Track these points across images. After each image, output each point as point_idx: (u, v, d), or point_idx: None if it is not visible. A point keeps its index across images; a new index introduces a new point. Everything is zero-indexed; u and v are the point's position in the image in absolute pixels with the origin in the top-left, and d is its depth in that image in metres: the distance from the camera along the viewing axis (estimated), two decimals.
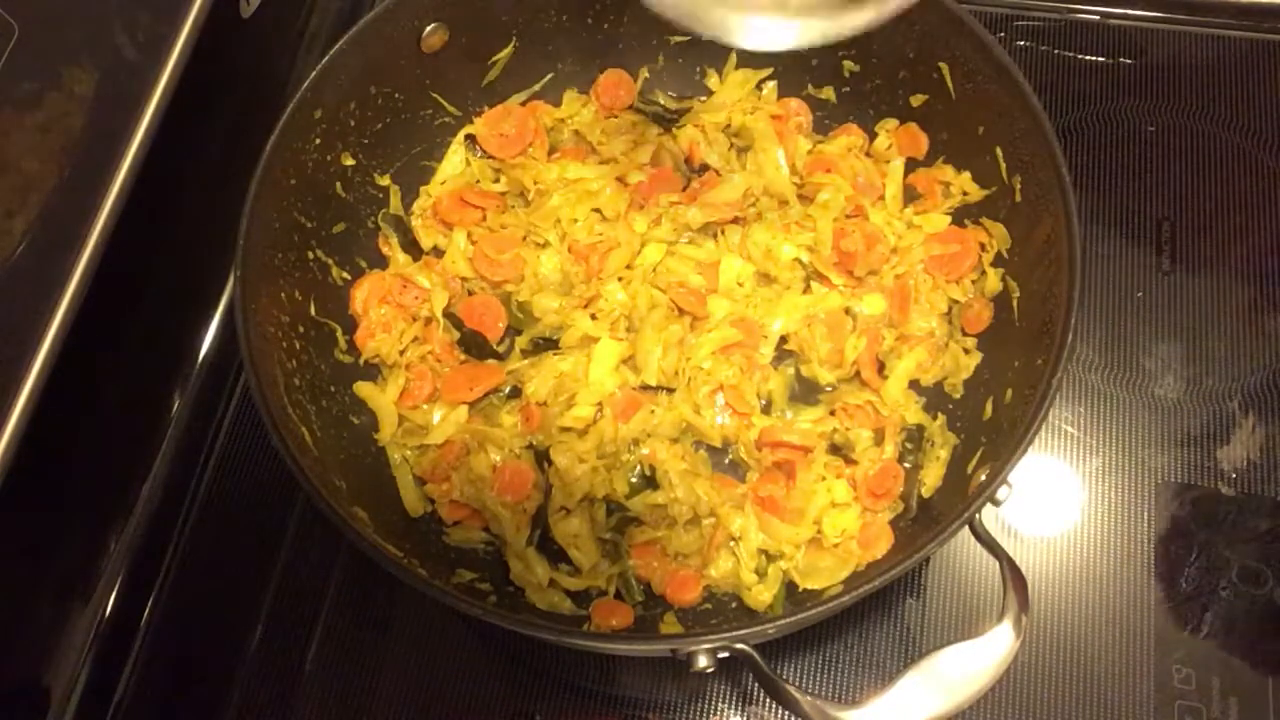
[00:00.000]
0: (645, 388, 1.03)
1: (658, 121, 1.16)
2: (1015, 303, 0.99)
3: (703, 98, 1.17)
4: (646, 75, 1.17)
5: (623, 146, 1.14)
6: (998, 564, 0.80)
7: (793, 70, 1.14)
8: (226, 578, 1.07)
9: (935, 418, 1.01)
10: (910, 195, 1.09)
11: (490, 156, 1.14)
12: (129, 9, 0.97)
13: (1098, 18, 1.28)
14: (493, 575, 0.98)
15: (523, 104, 1.16)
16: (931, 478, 0.98)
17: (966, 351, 1.02)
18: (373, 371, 1.06)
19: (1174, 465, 1.05)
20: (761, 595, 0.96)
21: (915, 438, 1.00)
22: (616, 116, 1.17)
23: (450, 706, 1.01)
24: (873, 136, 1.12)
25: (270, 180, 0.94)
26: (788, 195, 1.09)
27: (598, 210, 1.11)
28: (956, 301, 1.05)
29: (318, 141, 1.00)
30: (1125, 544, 1.02)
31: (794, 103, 1.14)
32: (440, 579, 0.91)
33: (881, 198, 1.09)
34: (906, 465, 0.99)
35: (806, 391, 1.06)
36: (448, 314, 1.07)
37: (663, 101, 1.16)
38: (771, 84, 1.15)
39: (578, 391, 1.02)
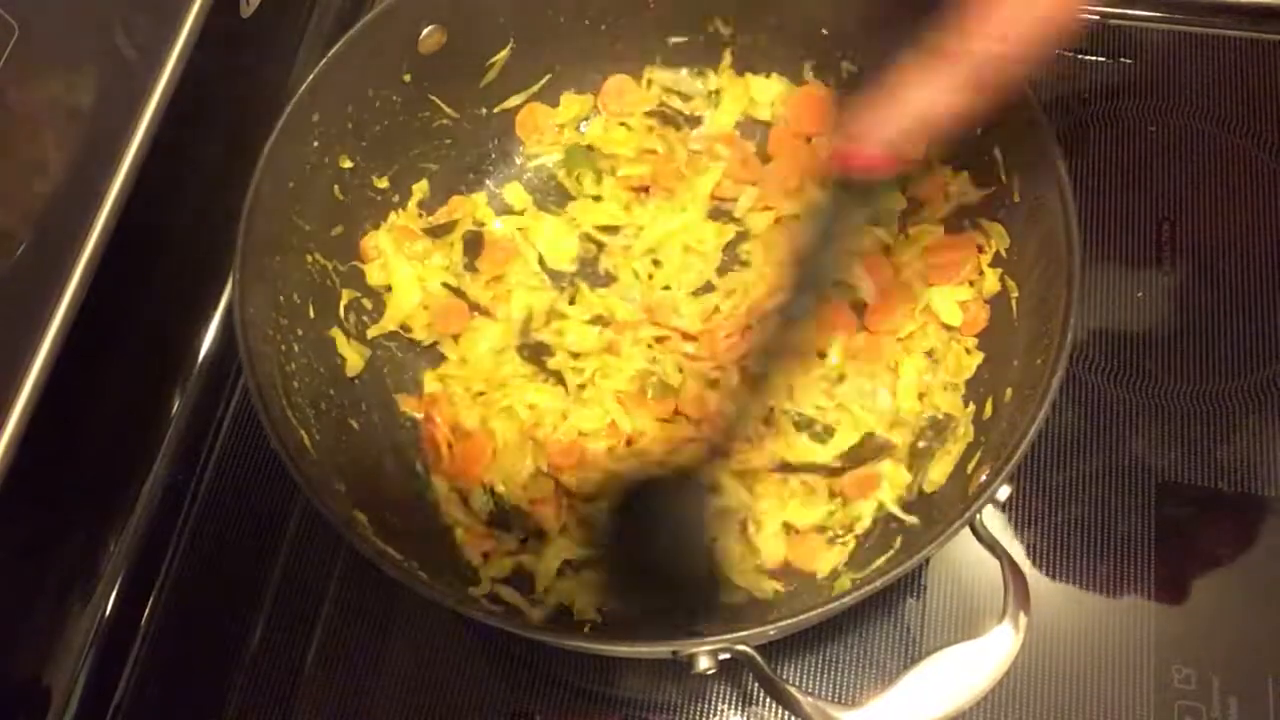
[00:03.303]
0: None
1: (670, 123, 1.16)
2: (1014, 303, 0.99)
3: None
4: (650, 78, 1.17)
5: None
6: (998, 564, 0.80)
7: (789, 72, 1.14)
8: (226, 578, 1.07)
9: (967, 406, 1.00)
10: (911, 203, 1.08)
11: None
12: (129, 9, 0.97)
13: (1098, 18, 1.28)
14: (493, 580, 0.98)
15: (520, 105, 1.16)
16: (938, 473, 0.98)
17: (968, 351, 1.02)
18: (377, 374, 1.07)
19: (1174, 465, 1.05)
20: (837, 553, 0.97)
21: (941, 427, 1.00)
22: (625, 124, 1.17)
23: (450, 706, 1.01)
24: None
25: (268, 184, 0.94)
26: None
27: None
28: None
29: (316, 145, 1.00)
30: (1125, 544, 1.02)
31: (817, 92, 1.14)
32: (442, 582, 0.91)
33: None
34: (922, 444, 1.00)
35: None
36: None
37: (669, 102, 1.17)
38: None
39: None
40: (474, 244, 1.13)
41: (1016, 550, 1.01)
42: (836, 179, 0.75)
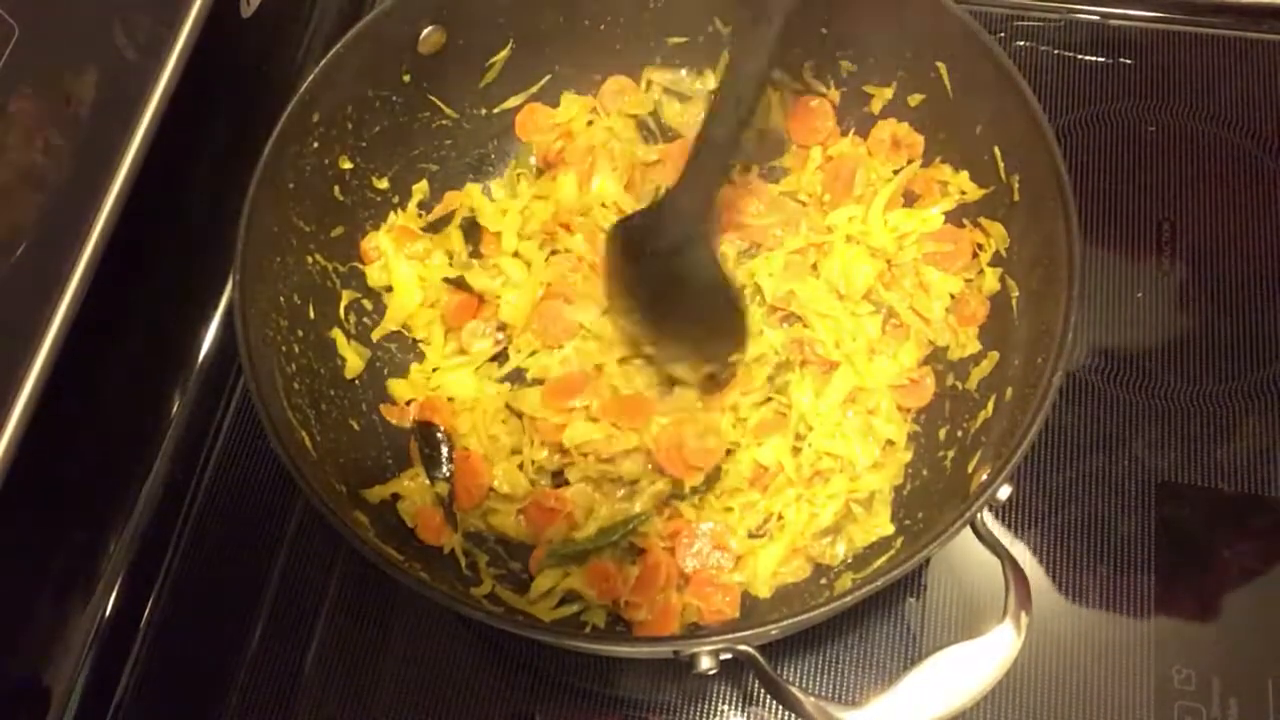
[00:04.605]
0: None
1: (648, 138, 1.17)
2: (1014, 302, 0.99)
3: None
4: (649, 78, 1.17)
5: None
6: (999, 564, 0.80)
7: (789, 72, 1.14)
8: (226, 578, 1.07)
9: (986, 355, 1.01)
10: (909, 197, 1.09)
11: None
12: (129, 9, 0.97)
13: (1098, 18, 1.28)
14: (494, 577, 0.98)
15: (520, 105, 1.16)
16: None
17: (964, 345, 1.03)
18: (377, 375, 1.07)
19: (1174, 465, 1.05)
20: (877, 521, 0.97)
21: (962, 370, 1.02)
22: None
23: (450, 706, 1.01)
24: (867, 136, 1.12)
25: (268, 184, 0.94)
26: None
27: None
28: (952, 295, 1.05)
29: (315, 145, 1.00)
30: (1125, 544, 1.02)
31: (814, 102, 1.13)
32: (442, 582, 0.92)
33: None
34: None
35: None
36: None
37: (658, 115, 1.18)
38: None
39: None
40: (473, 233, 1.12)
41: (1017, 550, 1.01)
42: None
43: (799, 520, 0.98)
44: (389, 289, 1.09)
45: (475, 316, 1.09)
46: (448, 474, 1.02)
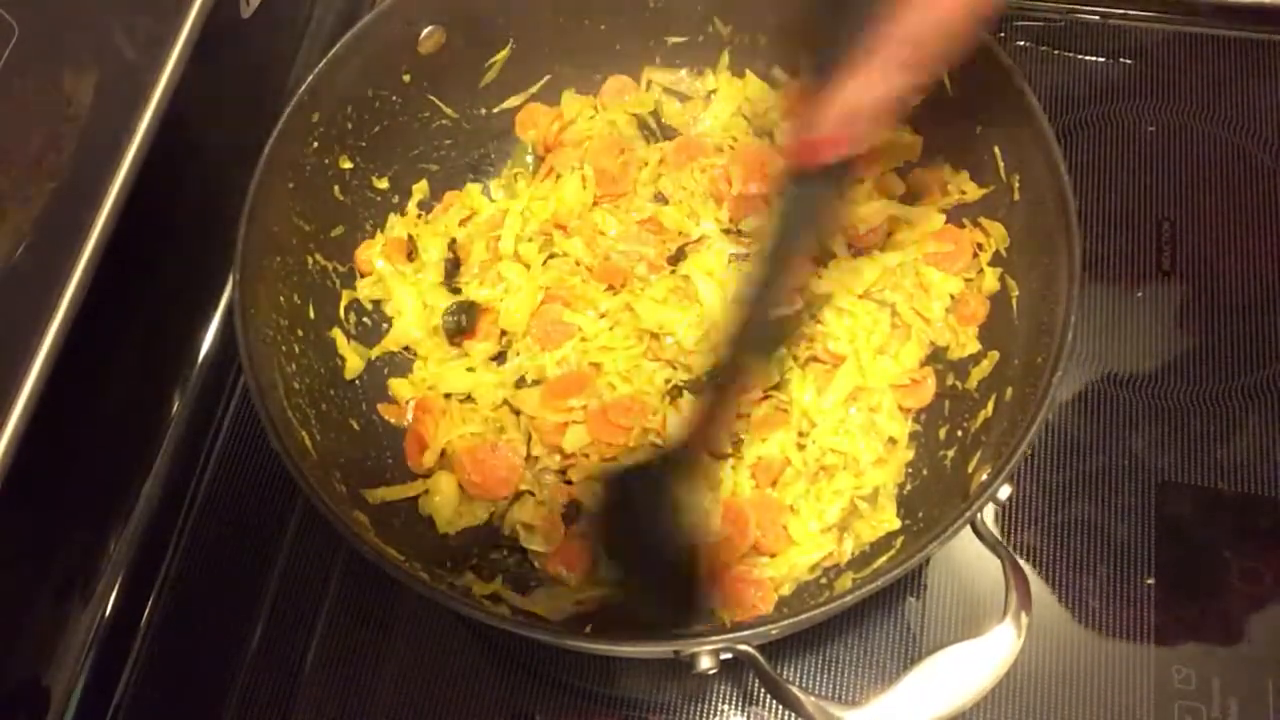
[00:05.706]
0: None
1: (648, 137, 1.17)
2: (1014, 301, 0.99)
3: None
4: (649, 78, 1.17)
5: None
6: (999, 563, 0.80)
7: (789, 71, 1.14)
8: (226, 578, 1.07)
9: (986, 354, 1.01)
10: (913, 196, 1.09)
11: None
12: (129, 9, 0.97)
13: (1098, 18, 1.28)
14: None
15: (520, 105, 1.16)
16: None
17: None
18: (377, 375, 1.07)
19: (1174, 465, 1.05)
20: (884, 516, 0.97)
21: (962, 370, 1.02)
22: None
23: (450, 706, 1.01)
24: None
25: (268, 184, 0.94)
26: None
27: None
28: (952, 295, 1.05)
29: (315, 145, 1.00)
30: (1125, 544, 1.02)
31: None
32: (442, 582, 0.92)
33: None
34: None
35: None
36: None
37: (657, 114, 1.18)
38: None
39: None
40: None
41: (1016, 551, 1.01)
42: (793, 171, 0.76)
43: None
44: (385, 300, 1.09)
45: (475, 335, 1.09)
46: None
